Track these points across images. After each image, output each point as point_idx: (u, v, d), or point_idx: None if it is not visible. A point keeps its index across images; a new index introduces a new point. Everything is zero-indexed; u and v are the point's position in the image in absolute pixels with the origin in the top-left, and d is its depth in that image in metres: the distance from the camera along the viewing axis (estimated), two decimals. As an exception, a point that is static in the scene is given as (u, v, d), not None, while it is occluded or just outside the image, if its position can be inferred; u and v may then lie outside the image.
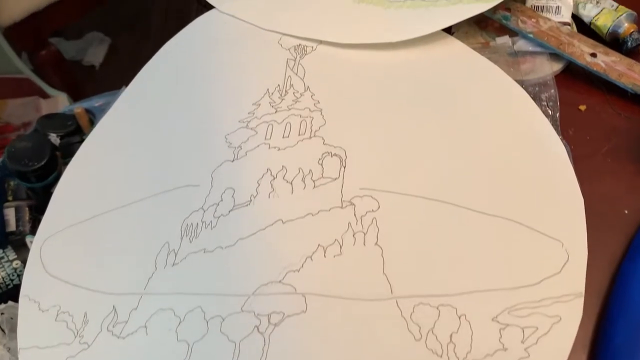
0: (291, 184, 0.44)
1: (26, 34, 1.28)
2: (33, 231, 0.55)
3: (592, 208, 0.44)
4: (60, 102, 1.47)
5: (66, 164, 0.64)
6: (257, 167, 0.45)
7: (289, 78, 0.50)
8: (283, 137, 0.46)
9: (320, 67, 0.51)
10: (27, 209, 0.59)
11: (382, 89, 0.49)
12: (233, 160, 0.46)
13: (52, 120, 0.76)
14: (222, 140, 0.47)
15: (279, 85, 0.50)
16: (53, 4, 1.25)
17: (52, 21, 1.32)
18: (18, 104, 1.45)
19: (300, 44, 0.52)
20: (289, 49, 0.52)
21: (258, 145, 0.46)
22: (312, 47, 0.52)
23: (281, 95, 0.49)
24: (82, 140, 0.75)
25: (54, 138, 0.76)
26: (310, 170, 0.44)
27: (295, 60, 0.51)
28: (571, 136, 0.49)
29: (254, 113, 0.48)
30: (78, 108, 0.79)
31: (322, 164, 0.44)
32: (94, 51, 1.82)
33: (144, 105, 0.52)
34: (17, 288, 0.47)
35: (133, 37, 1.77)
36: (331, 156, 0.45)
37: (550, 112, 0.49)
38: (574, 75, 0.52)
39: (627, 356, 0.37)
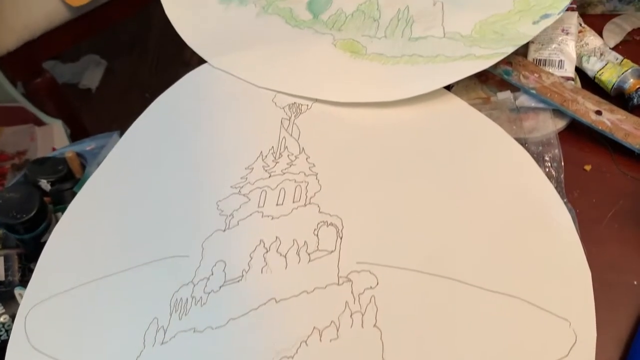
0: (285, 257, 0.42)
1: (20, 62, 1.27)
2: (23, 281, 0.53)
3: (599, 279, 0.42)
4: (55, 129, 1.46)
5: (57, 211, 0.63)
6: (250, 238, 0.43)
7: (284, 139, 0.48)
8: (277, 204, 0.44)
9: (316, 127, 0.49)
10: (16, 257, 0.58)
11: (379, 151, 0.47)
12: (225, 230, 0.44)
13: (43, 165, 0.75)
14: (214, 207, 0.45)
15: (272, 147, 0.48)
16: (47, 33, 1.24)
17: (46, 49, 1.31)
18: (12, 132, 1.43)
19: (295, 102, 0.50)
20: (283, 108, 0.50)
21: (251, 214, 0.44)
22: (308, 106, 0.50)
23: (275, 158, 0.47)
24: (73, 187, 0.74)
25: (45, 184, 0.74)
26: (305, 242, 0.42)
27: (289, 120, 0.49)
28: (576, 199, 0.47)
29: (246, 178, 0.46)
30: (69, 152, 0.77)
31: (317, 235, 0.43)
32: (91, 74, 1.81)
33: (134, 166, 0.50)
34: (4, 344, 0.45)
35: (130, 60, 1.76)
36: (327, 226, 0.43)
37: (554, 174, 0.48)
38: (578, 132, 0.50)
39: None
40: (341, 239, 0.42)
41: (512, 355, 0.37)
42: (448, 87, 0.52)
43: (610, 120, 0.48)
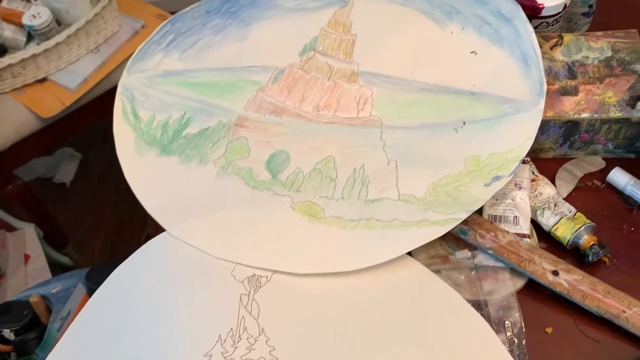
0: None
1: (-9, 173, 1.26)
2: None
3: None
4: (27, 234, 1.44)
5: (21, 365, 0.61)
6: None
7: (243, 318, 0.48)
8: (237, 399, 0.43)
9: (276, 302, 0.49)
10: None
11: (339, 325, 0.47)
12: None
13: (7, 314, 0.73)
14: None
15: (231, 329, 0.47)
16: (18, 142, 1.24)
17: (16, 159, 1.31)
18: (-17, 239, 1.40)
19: (254, 274, 0.50)
20: (242, 282, 0.50)
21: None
22: (267, 278, 0.50)
23: (234, 342, 0.46)
24: (38, 336, 0.72)
25: (8, 333, 0.72)
26: None
27: (249, 296, 0.49)
28: (540, 366, 0.47)
29: (205, 368, 0.45)
30: (34, 297, 0.76)
31: None
32: (65, 168, 1.81)
33: (93, 342, 0.49)
34: None
35: (104, 151, 1.77)
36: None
37: (515, 340, 0.47)
38: (537, 291, 0.50)
39: None
40: None
41: None
42: (408, 244, 0.52)
43: (568, 281, 0.49)
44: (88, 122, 1.35)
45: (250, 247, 0.52)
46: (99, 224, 1.67)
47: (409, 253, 0.51)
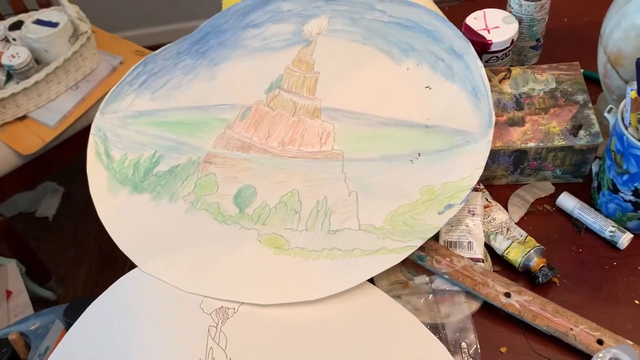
0: None
1: (-29, 211, 1.27)
2: None
3: None
4: (9, 270, 1.44)
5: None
6: None
7: (211, 350, 0.50)
8: None
9: (243, 332, 0.51)
10: None
11: (304, 352, 0.49)
12: None
13: (-15, 352, 0.74)
14: None
15: (200, 359, 0.49)
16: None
17: (-2, 195, 1.32)
18: (-37, 282, 1.41)
19: (222, 307, 0.53)
20: (210, 314, 0.52)
21: None
22: (234, 309, 0.52)
23: (203, 375, 0.49)
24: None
25: (-14, 374, 0.73)
26: None
27: (217, 327, 0.51)
28: (495, 385, 0.49)
29: (175, 399, 0.47)
30: (13, 334, 0.77)
31: None
32: (47, 202, 1.82)
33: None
34: None
35: (86, 185, 1.78)
36: None
37: (470, 359, 0.50)
38: (492, 312, 0.53)
39: None
40: None
41: None
42: (370, 271, 0.55)
43: (519, 302, 0.51)
44: (68, 157, 1.37)
45: (218, 280, 0.54)
46: (82, 257, 1.68)
47: (371, 280, 0.54)
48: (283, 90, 0.67)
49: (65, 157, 1.38)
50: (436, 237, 0.56)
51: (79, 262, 1.68)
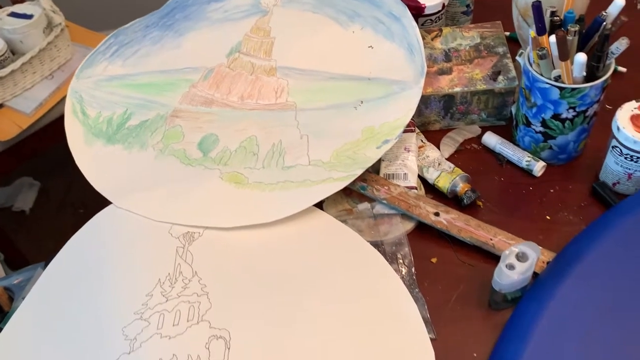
0: (181, 372, 0.49)
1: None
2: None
3: (447, 354, 0.51)
4: (-13, 258, 1.48)
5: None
6: (151, 358, 0.50)
7: (179, 265, 0.57)
8: (173, 325, 0.52)
9: (207, 251, 0.58)
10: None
11: (260, 267, 0.56)
12: (129, 353, 0.51)
13: (-29, 304, 0.79)
14: (120, 333, 0.53)
15: (169, 273, 0.56)
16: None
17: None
18: (-57, 265, 1.44)
19: (188, 232, 0.60)
20: (178, 237, 0.59)
21: (151, 336, 0.52)
22: (199, 233, 0.59)
23: (171, 283, 0.55)
24: (1, 321, 0.78)
25: (-28, 322, 0.78)
26: (198, 356, 0.50)
27: (184, 248, 0.58)
28: (426, 288, 0.57)
29: (147, 304, 0.54)
30: (-4, 288, 0.83)
31: (208, 348, 0.50)
32: (24, 197, 1.85)
33: (52, 301, 0.57)
34: None
35: (63, 179, 1.82)
36: (217, 339, 0.51)
37: (406, 269, 0.58)
38: (424, 231, 0.61)
39: None
40: (229, 349, 0.50)
41: None
42: (320, 202, 0.62)
43: (446, 219, 0.60)
44: (44, 145, 1.42)
45: (185, 211, 0.61)
46: (60, 248, 1.73)
47: (321, 209, 0.62)
48: (242, 54, 0.74)
49: (42, 145, 1.42)
50: (377, 172, 0.64)
51: (56, 253, 1.71)
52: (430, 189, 0.64)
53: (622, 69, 0.73)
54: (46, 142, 1.41)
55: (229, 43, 0.76)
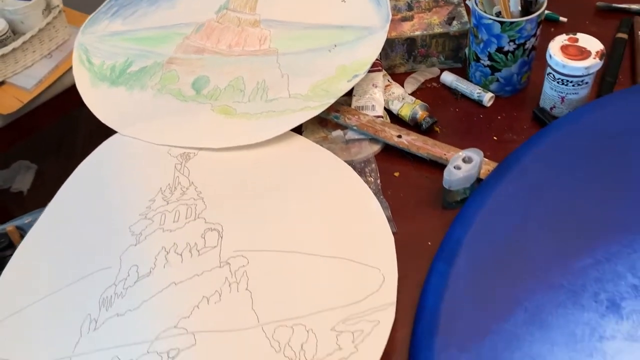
0: (181, 255, 0.58)
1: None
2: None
3: (407, 244, 0.61)
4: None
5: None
6: (154, 247, 0.59)
7: (177, 178, 0.66)
8: (174, 221, 0.61)
9: (201, 167, 0.67)
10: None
11: (248, 179, 0.66)
12: (136, 245, 0.60)
13: (-14, 241, 0.88)
14: (127, 230, 0.62)
15: (169, 184, 0.65)
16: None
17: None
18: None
19: (185, 152, 0.69)
20: (176, 157, 0.68)
21: (154, 231, 0.61)
22: (195, 153, 0.69)
23: (171, 191, 0.65)
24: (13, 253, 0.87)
25: (-14, 257, 0.86)
26: (195, 243, 0.59)
27: (181, 164, 0.67)
28: (390, 195, 0.66)
29: (150, 207, 0.63)
30: (10, 226, 0.91)
31: (204, 237, 0.60)
32: (22, 178, 1.92)
33: (68, 213, 0.66)
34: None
35: (59, 161, 1.90)
36: (211, 231, 0.60)
37: (373, 180, 0.67)
38: (389, 152, 0.71)
39: (426, 342, 0.52)
40: (222, 238, 0.59)
41: (343, 295, 0.54)
42: (300, 132, 0.72)
43: (407, 140, 0.69)
44: (43, 124, 1.50)
45: (181, 136, 0.70)
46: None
47: (299, 134, 0.71)
48: (230, 10, 0.84)
49: (41, 122, 1.50)
50: (349, 105, 0.74)
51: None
52: (395, 119, 0.74)
53: (564, 19, 0.83)
54: (44, 119, 1.49)
55: (219, 1, 0.85)
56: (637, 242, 0.55)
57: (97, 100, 0.77)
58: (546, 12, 0.84)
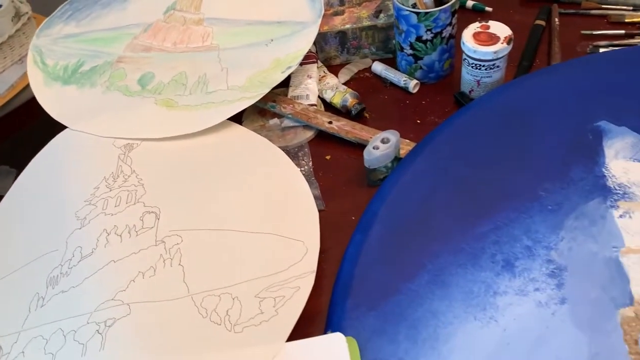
0: (120, 236, 0.63)
1: None
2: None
3: (334, 219, 0.66)
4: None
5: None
6: (97, 230, 0.64)
7: (120, 166, 0.71)
8: (115, 206, 0.66)
9: (143, 156, 0.72)
10: None
11: (187, 166, 0.71)
12: (81, 228, 0.65)
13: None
14: (73, 216, 0.67)
15: (112, 172, 0.70)
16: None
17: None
18: None
19: (128, 143, 0.74)
20: (120, 147, 0.73)
21: (97, 215, 0.66)
22: (137, 144, 0.74)
23: (114, 178, 0.70)
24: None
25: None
26: (134, 225, 0.64)
27: (125, 154, 0.72)
28: (321, 177, 0.72)
29: (94, 194, 0.68)
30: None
31: (142, 220, 0.65)
32: (2, 183, 1.96)
33: (22, 203, 0.71)
34: None
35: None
36: (149, 213, 0.65)
37: (305, 163, 0.73)
38: (322, 138, 0.76)
39: (340, 303, 0.57)
40: (159, 220, 0.64)
41: (269, 265, 0.59)
42: (240, 122, 0.77)
43: (338, 125, 0.74)
44: (17, 127, 1.54)
45: (125, 128, 0.75)
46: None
47: (240, 123, 0.76)
48: (176, 11, 0.89)
49: (14, 126, 1.54)
50: (286, 94, 0.79)
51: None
52: (329, 107, 0.79)
53: (489, 9, 0.89)
54: (19, 124, 1.53)
55: (167, 3, 0.90)
56: (533, 209, 0.60)
57: (50, 98, 0.82)
58: (473, 2, 0.89)
